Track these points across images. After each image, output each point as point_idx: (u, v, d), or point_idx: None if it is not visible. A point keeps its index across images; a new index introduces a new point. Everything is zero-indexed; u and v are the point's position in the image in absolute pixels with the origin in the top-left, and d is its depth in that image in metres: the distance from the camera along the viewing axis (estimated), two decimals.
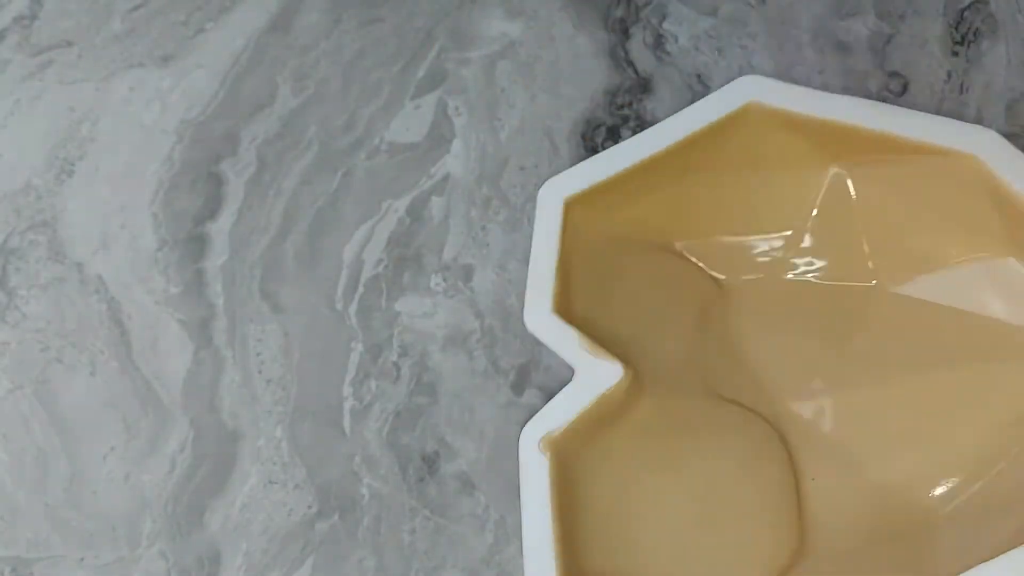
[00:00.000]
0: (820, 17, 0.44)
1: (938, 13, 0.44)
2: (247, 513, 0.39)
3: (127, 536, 0.39)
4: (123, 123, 0.45)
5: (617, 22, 0.45)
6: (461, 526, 0.38)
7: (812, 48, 0.44)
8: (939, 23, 0.44)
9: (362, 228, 0.43)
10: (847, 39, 0.44)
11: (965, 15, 0.44)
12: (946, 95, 0.43)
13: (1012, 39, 0.43)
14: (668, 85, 0.44)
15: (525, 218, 0.42)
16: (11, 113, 0.45)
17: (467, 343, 0.41)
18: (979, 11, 0.44)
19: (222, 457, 0.40)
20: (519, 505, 0.38)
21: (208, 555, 0.38)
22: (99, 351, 0.41)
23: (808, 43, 0.44)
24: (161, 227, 0.43)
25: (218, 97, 0.45)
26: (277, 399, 0.40)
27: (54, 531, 0.39)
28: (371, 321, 0.41)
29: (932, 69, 0.43)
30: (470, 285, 0.41)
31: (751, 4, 0.45)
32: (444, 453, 0.39)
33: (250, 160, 0.44)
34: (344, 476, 0.39)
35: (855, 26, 0.44)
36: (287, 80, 0.45)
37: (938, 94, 0.43)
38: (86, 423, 0.40)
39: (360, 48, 0.46)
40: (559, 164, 0.43)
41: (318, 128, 0.44)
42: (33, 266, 0.43)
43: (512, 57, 0.45)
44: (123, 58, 0.46)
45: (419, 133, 0.44)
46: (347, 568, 0.38)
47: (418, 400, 0.40)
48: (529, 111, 0.44)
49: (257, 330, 0.41)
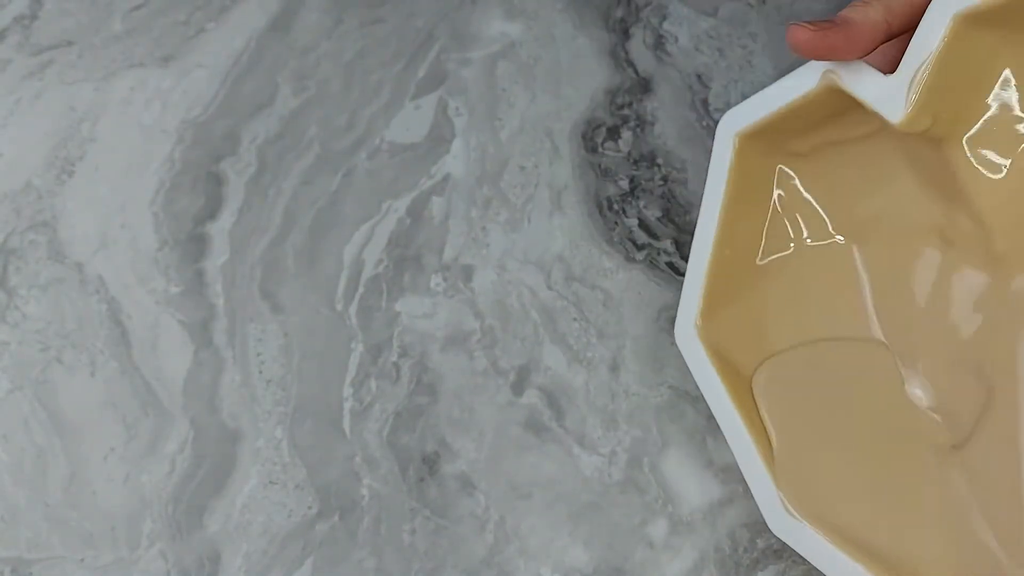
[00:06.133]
0: (821, 17, 0.44)
1: None
2: (247, 513, 0.39)
3: (127, 536, 0.39)
4: (123, 123, 0.45)
5: (617, 22, 0.45)
6: (461, 526, 0.38)
7: None
8: None
9: (362, 228, 0.43)
10: None
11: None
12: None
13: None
14: (668, 85, 0.44)
15: (525, 218, 0.42)
16: (11, 113, 0.45)
17: (467, 343, 0.41)
18: None
19: (222, 457, 0.40)
20: (519, 505, 0.38)
21: (208, 555, 0.38)
22: (99, 351, 0.41)
23: None
24: (161, 227, 0.43)
25: (218, 97, 0.45)
26: (277, 399, 0.40)
27: (54, 531, 0.39)
28: (371, 321, 0.41)
29: None
30: (470, 285, 0.41)
31: (751, 4, 0.45)
32: (444, 453, 0.39)
33: (250, 160, 0.44)
34: (344, 476, 0.39)
35: None
36: (287, 80, 0.45)
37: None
38: (86, 423, 0.40)
39: (360, 48, 0.46)
40: (559, 164, 0.43)
41: (318, 128, 0.44)
42: (33, 266, 0.43)
43: (512, 57, 0.45)
44: (123, 58, 0.46)
45: (419, 133, 0.44)
46: (347, 568, 0.38)
47: (418, 400, 0.40)
48: (529, 111, 0.44)
49: (257, 330, 0.41)
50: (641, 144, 0.43)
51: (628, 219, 0.42)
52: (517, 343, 0.40)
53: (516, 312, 0.41)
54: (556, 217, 0.42)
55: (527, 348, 0.40)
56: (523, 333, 0.41)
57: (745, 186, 0.34)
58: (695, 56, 0.44)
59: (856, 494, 0.33)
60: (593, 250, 0.42)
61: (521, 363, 0.40)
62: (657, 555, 0.37)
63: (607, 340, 0.40)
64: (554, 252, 0.42)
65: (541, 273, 0.41)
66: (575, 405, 0.39)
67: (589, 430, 0.39)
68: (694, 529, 0.37)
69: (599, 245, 0.42)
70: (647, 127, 0.43)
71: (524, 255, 0.42)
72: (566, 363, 0.40)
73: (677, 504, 0.38)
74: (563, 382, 0.40)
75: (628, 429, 0.39)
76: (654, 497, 0.38)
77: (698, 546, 0.37)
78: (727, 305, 0.35)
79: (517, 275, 0.41)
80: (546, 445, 0.39)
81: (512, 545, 0.38)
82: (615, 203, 0.42)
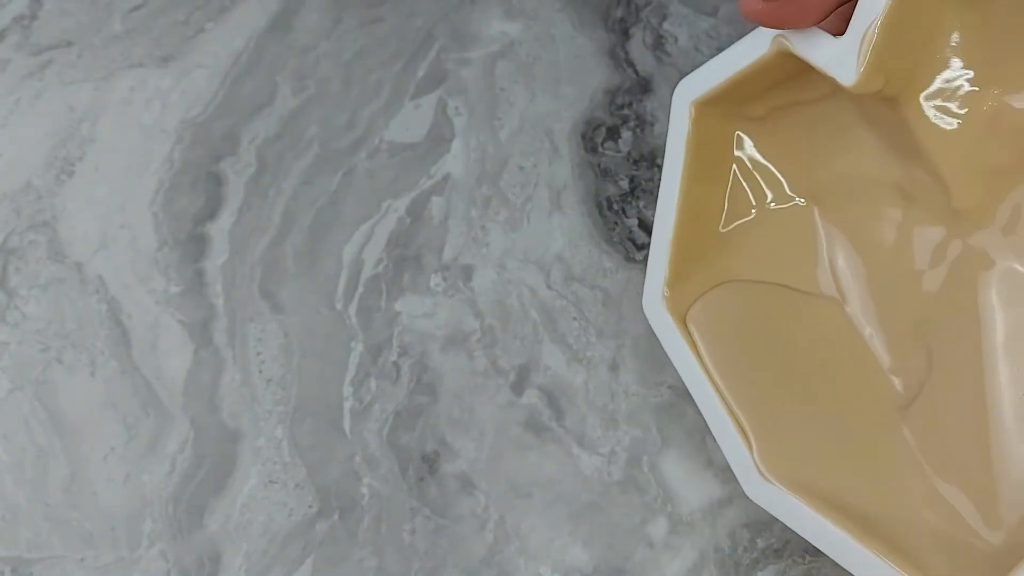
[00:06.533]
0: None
1: None
2: (247, 513, 0.39)
3: (127, 536, 0.39)
4: (123, 123, 0.45)
5: (617, 22, 0.45)
6: (461, 526, 0.38)
7: None
8: None
9: (362, 228, 0.43)
10: None
11: None
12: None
13: None
14: (668, 85, 0.44)
15: (525, 218, 0.42)
16: (11, 113, 0.45)
17: (467, 343, 0.41)
18: None
19: (222, 457, 0.40)
20: (519, 505, 0.38)
21: (208, 555, 0.38)
22: (99, 351, 0.41)
23: None
24: (161, 227, 0.43)
25: (218, 97, 0.45)
26: (277, 399, 0.40)
27: (54, 531, 0.39)
28: (371, 321, 0.41)
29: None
30: (470, 285, 0.42)
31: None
32: (444, 453, 0.39)
33: (250, 160, 0.44)
34: (344, 476, 0.39)
35: None
36: (287, 80, 0.45)
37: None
38: (86, 423, 0.40)
39: (360, 48, 0.46)
40: (559, 164, 0.43)
41: (318, 128, 0.44)
42: (33, 266, 0.43)
43: (512, 57, 0.45)
44: (123, 58, 0.46)
45: (419, 133, 0.44)
46: (347, 568, 0.38)
47: (418, 400, 0.40)
48: (529, 111, 0.44)
49: (257, 330, 0.41)
50: (641, 144, 0.43)
51: (628, 219, 0.42)
52: (517, 343, 0.41)
53: (516, 312, 0.41)
54: (556, 217, 0.42)
55: (527, 348, 0.40)
56: (523, 333, 0.41)
57: (704, 155, 0.34)
58: (695, 56, 0.44)
59: (827, 454, 0.33)
60: (593, 250, 0.42)
61: (521, 363, 0.40)
62: (657, 555, 0.37)
63: (607, 340, 0.40)
64: (554, 252, 0.42)
65: (541, 273, 0.41)
66: (575, 405, 0.39)
67: (589, 430, 0.39)
68: (694, 529, 0.37)
69: (599, 245, 0.42)
70: (647, 127, 0.43)
71: (524, 255, 0.42)
72: (566, 363, 0.40)
73: (677, 504, 0.38)
74: (563, 382, 0.40)
75: (628, 429, 0.39)
76: (654, 497, 0.38)
77: (698, 546, 0.37)
78: (693, 274, 0.35)
79: (517, 275, 0.42)
80: (546, 445, 0.39)
81: (512, 545, 0.38)
82: (615, 203, 0.42)
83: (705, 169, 0.34)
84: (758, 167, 0.36)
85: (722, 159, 0.35)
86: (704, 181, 0.35)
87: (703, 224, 0.35)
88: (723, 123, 0.34)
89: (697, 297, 0.35)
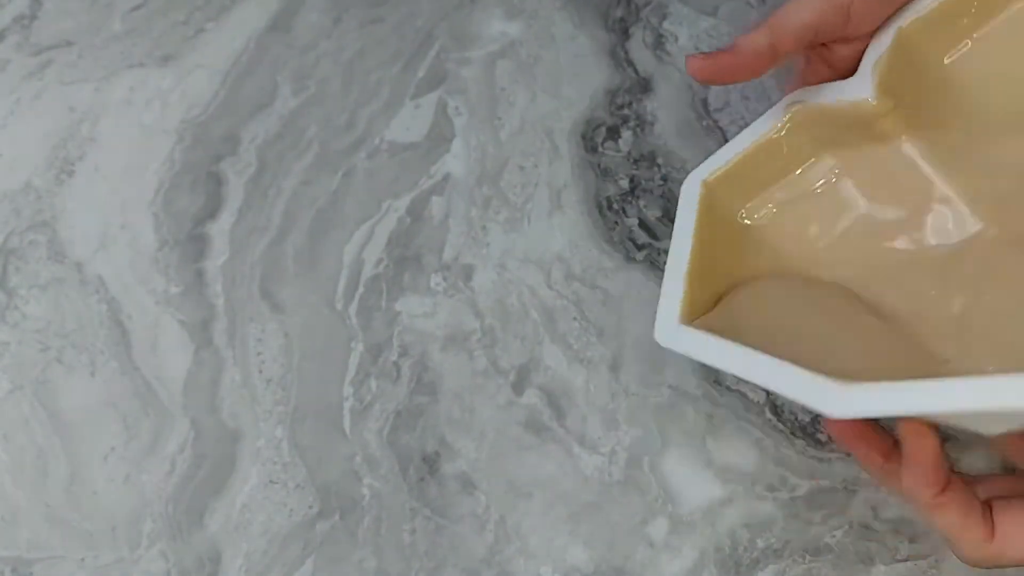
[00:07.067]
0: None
1: None
2: (247, 513, 0.39)
3: (127, 536, 0.39)
4: (123, 123, 0.45)
5: (617, 22, 0.45)
6: (461, 526, 0.38)
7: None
8: None
9: (362, 228, 0.43)
10: None
11: None
12: None
13: None
14: (668, 85, 0.44)
15: (525, 218, 0.42)
16: (11, 113, 0.45)
17: (467, 343, 0.41)
18: None
19: (222, 457, 0.40)
20: (519, 505, 0.38)
21: (208, 555, 0.38)
22: (99, 351, 0.41)
23: None
24: (161, 227, 0.43)
25: (218, 97, 0.45)
26: (277, 399, 0.40)
27: (54, 531, 0.39)
28: (371, 321, 0.41)
29: None
30: (470, 285, 0.41)
31: (751, 4, 0.45)
32: (444, 453, 0.39)
33: (250, 160, 0.44)
34: (344, 476, 0.39)
35: None
36: (287, 80, 0.45)
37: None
38: (86, 423, 0.40)
39: (360, 48, 0.46)
40: (559, 164, 0.43)
41: (318, 128, 0.44)
42: (33, 266, 0.43)
43: (512, 57, 0.45)
44: (123, 58, 0.46)
45: (419, 133, 0.44)
46: (347, 568, 0.38)
47: (418, 400, 0.40)
48: (529, 111, 0.44)
49: (257, 330, 0.41)
50: (641, 144, 0.43)
51: (628, 219, 0.42)
52: (517, 343, 0.40)
53: (516, 312, 0.41)
54: (556, 217, 0.42)
55: (527, 348, 0.40)
56: (523, 333, 0.41)
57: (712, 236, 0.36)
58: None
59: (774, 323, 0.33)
60: (593, 250, 0.42)
61: (521, 363, 0.40)
62: (657, 555, 0.37)
63: (607, 340, 0.40)
64: (554, 252, 0.42)
65: (541, 273, 0.41)
66: (575, 405, 0.39)
67: (589, 430, 0.39)
68: (694, 529, 0.37)
69: (599, 245, 0.42)
70: (647, 127, 0.43)
71: (524, 255, 0.42)
72: (566, 363, 0.40)
73: (677, 504, 0.38)
74: (563, 382, 0.40)
75: (628, 429, 0.39)
76: (654, 497, 0.38)
77: (698, 546, 0.37)
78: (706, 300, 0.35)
79: (517, 274, 0.41)
80: (546, 445, 0.39)
81: (512, 544, 0.38)
82: (615, 203, 0.42)
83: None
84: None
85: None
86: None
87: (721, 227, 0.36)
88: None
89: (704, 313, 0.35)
